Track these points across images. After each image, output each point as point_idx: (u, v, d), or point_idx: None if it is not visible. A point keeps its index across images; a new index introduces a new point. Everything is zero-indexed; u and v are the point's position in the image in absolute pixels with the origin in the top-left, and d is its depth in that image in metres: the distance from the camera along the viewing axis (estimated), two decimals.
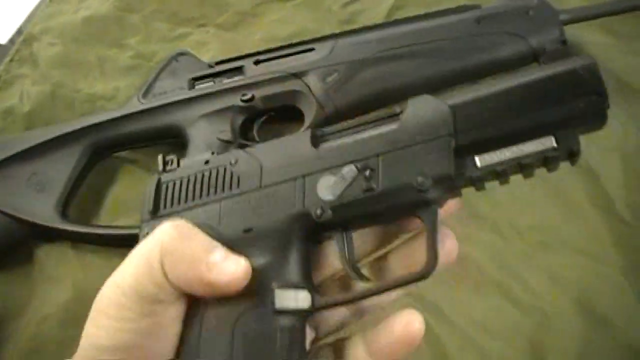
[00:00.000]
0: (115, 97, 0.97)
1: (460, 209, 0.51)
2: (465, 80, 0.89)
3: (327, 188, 0.44)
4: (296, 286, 0.44)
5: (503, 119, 0.43)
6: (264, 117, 0.89)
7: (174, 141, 0.88)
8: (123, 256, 0.81)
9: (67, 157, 0.87)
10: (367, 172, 0.44)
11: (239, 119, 0.86)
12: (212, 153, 0.51)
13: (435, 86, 0.88)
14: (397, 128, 0.45)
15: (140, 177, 0.92)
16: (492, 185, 0.47)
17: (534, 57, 0.85)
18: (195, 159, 0.50)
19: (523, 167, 0.44)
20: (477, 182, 0.45)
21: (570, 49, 0.89)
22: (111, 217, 0.88)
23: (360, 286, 0.47)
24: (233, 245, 0.44)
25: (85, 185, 0.90)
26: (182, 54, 0.92)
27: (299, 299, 0.43)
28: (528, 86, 0.43)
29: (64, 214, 0.85)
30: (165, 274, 0.41)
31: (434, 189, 0.43)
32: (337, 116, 0.86)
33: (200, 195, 0.48)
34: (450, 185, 0.44)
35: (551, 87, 0.43)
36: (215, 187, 0.47)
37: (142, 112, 0.88)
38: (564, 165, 0.79)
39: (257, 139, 0.87)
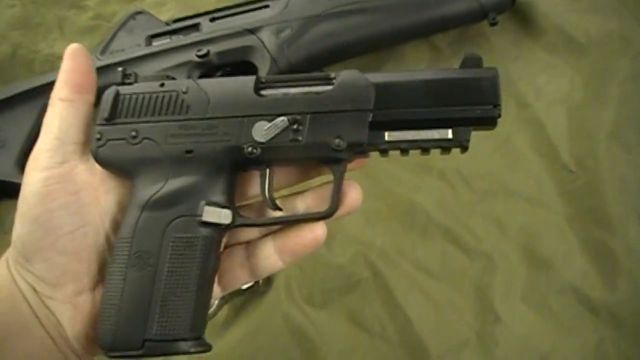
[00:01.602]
0: None
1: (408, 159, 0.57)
2: (416, 37, 0.91)
3: (261, 131, 0.52)
4: (221, 205, 0.52)
5: (415, 106, 0.51)
6: (220, 73, 0.90)
7: None
8: None
9: (27, 114, 0.88)
10: (296, 126, 0.51)
11: (195, 74, 0.88)
12: (167, 77, 0.56)
13: (386, 42, 0.90)
14: (327, 92, 0.52)
15: None
16: None
17: (483, 14, 0.87)
18: (150, 82, 0.55)
19: (422, 147, 0.52)
20: (383, 151, 0.53)
21: (519, 6, 0.91)
22: None
23: (272, 214, 0.56)
24: (174, 161, 0.52)
25: None
26: (139, 12, 0.93)
27: (222, 215, 0.51)
28: (440, 83, 0.51)
29: (24, 169, 0.86)
30: None
31: (347, 151, 0.51)
32: (290, 71, 0.87)
33: (153, 113, 0.53)
34: (361, 150, 0.52)
35: (458, 90, 0.51)
36: (167, 109, 0.53)
37: (99, 68, 0.88)
38: (512, 117, 0.82)
39: None
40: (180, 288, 0.50)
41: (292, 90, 0.53)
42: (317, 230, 0.54)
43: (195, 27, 0.91)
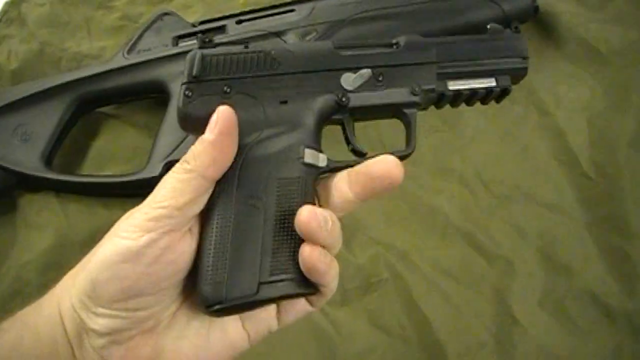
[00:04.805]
0: (102, 56, 0.99)
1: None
2: None
3: (349, 81, 0.58)
4: (317, 149, 0.56)
5: (469, 60, 0.61)
6: None
7: (158, 96, 0.91)
8: (105, 205, 0.85)
9: (53, 110, 0.89)
10: (378, 75, 0.58)
11: None
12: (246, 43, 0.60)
13: None
14: (399, 51, 0.60)
15: (123, 132, 0.94)
16: (463, 139, 0.67)
17: (506, 22, 0.88)
18: (233, 46, 0.59)
19: (474, 95, 0.61)
20: (443, 100, 0.61)
21: (542, 16, 0.92)
22: (94, 169, 0.91)
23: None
24: (269, 112, 0.56)
25: (70, 138, 0.92)
26: (166, 13, 0.95)
27: (320, 158, 0.56)
28: (487, 43, 0.62)
29: (48, 164, 0.87)
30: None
31: (420, 96, 0.59)
32: None
33: (243, 70, 0.57)
34: (431, 96, 0.60)
35: (501, 47, 0.62)
36: (258, 66, 0.57)
37: (126, 67, 0.90)
38: (533, 124, 0.83)
39: None
40: (289, 227, 0.52)
41: (367, 51, 0.59)
42: (392, 168, 0.52)
43: (222, 29, 0.92)
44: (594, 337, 0.74)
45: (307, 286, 0.52)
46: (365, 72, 0.58)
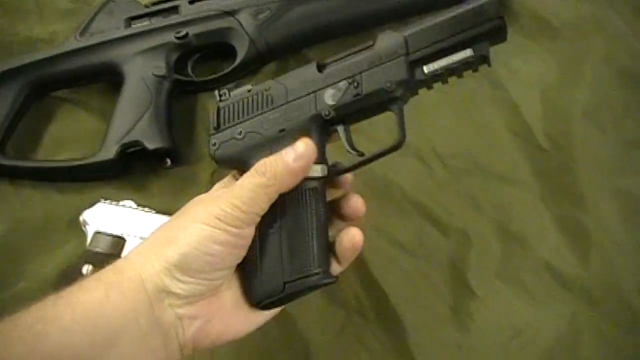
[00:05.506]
0: (54, 40, 0.98)
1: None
2: (393, 19, 0.92)
3: (330, 97, 0.64)
4: (316, 162, 0.62)
5: (438, 41, 0.61)
6: (198, 55, 0.91)
7: (111, 79, 0.90)
8: (60, 190, 0.84)
9: (5, 95, 0.88)
10: (355, 84, 0.63)
11: (174, 56, 0.89)
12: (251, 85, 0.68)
13: (364, 24, 0.91)
14: (371, 54, 0.63)
15: (78, 116, 0.93)
16: (417, 114, 0.68)
17: None
18: (239, 90, 0.68)
19: (454, 70, 0.62)
20: (426, 83, 0.64)
21: None
22: (49, 154, 0.90)
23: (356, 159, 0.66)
24: (273, 141, 0.64)
25: (24, 123, 0.91)
26: None
27: (319, 169, 0.63)
28: (454, 17, 0.62)
29: (1, 150, 0.86)
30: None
31: (398, 90, 0.62)
32: (268, 52, 0.89)
33: (248, 113, 0.66)
34: (408, 86, 0.63)
35: (469, 16, 0.61)
36: (257, 106, 0.66)
37: (79, 50, 0.89)
38: (487, 98, 0.83)
39: (191, 75, 0.90)
40: (301, 234, 0.61)
41: (345, 62, 0.64)
42: (357, 237, 0.64)
43: (175, 9, 0.92)
44: (551, 307, 0.74)
45: (325, 278, 0.61)
46: (342, 84, 0.63)
